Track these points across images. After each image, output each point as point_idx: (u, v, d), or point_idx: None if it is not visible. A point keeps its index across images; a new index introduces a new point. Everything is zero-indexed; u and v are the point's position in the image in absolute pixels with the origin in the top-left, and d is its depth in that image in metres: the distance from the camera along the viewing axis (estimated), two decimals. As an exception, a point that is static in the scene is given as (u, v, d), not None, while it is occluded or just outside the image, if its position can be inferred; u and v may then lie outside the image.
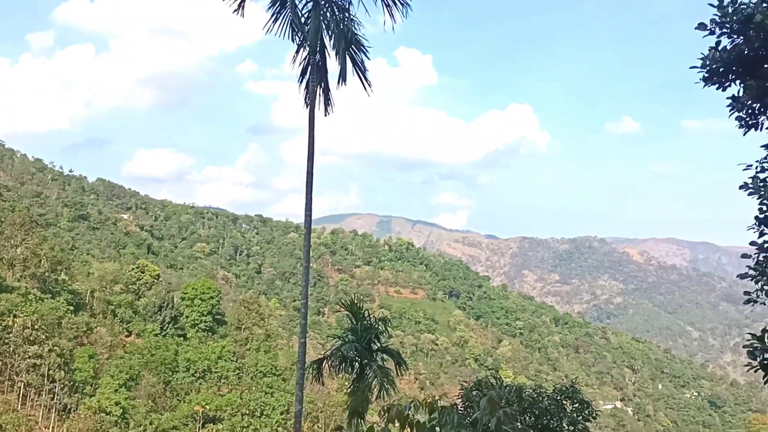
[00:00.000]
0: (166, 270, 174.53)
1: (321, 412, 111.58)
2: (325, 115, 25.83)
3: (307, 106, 25.26)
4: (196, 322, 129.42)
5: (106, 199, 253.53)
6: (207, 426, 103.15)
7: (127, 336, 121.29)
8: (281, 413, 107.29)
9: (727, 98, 12.84)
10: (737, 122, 13.56)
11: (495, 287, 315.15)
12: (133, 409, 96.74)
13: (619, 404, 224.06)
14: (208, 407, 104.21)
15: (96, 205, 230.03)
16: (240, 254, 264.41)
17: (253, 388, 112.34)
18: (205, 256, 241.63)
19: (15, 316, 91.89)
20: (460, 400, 25.48)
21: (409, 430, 4.31)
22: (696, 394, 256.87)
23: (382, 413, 4.32)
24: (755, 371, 15.26)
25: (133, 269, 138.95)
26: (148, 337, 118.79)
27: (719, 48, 12.13)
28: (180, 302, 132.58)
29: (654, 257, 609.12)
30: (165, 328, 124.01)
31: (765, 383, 15.00)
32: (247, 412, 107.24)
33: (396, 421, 4.24)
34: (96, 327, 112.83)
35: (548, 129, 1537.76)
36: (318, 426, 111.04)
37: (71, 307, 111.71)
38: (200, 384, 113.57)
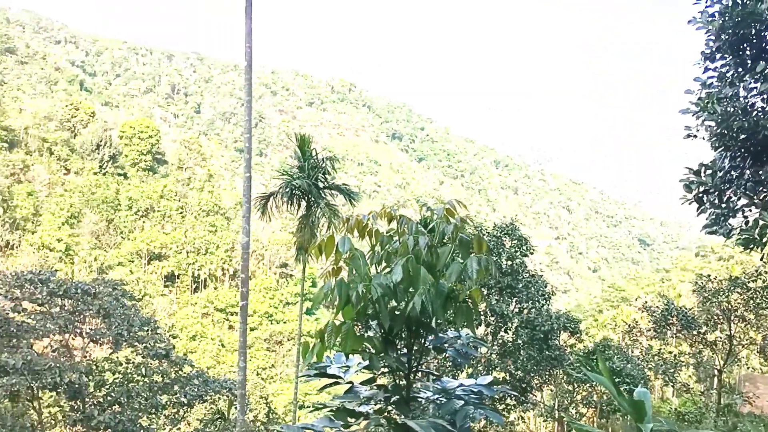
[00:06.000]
0: (101, 107, 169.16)
1: (266, 249, 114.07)
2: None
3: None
4: (135, 161, 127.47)
5: (32, 32, 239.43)
6: (153, 263, 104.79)
7: (65, 174, 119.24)
8: (225, 251, 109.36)
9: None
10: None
11: (438, 129, 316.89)
12: (77, 246, 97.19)
13: (554, 243, 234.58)
14: (152, 245, 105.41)
15: (22, 38, 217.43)
16: (177, 93, 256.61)
17: (197, 227, 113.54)
18: (141, 95, 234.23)
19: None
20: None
21: (368, 238, 4.38)
22: (627, 232, 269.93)
23: (342, 225, 4.37)
24: (689, 204, 16.01)
25: (66, 106, 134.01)
26: (87, 176, 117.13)
27: None
28: (118, 141, 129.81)
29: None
30: (104, 166, 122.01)
31: (698, 215, 15.77)
32: (192, 249, 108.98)
33: (355, 230, 4.29)
34: (32, 165, 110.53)
35: None
36: (263, 263, 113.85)
37: (5, 144, 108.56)
38: (143, 222, 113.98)
